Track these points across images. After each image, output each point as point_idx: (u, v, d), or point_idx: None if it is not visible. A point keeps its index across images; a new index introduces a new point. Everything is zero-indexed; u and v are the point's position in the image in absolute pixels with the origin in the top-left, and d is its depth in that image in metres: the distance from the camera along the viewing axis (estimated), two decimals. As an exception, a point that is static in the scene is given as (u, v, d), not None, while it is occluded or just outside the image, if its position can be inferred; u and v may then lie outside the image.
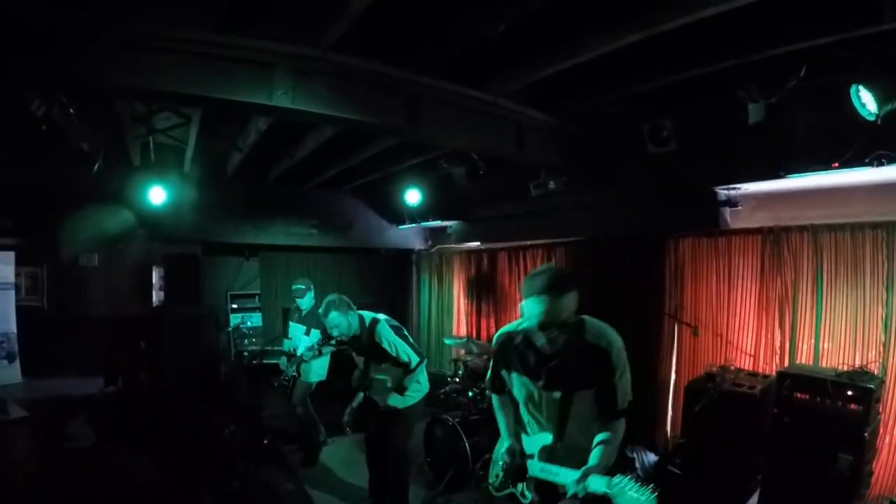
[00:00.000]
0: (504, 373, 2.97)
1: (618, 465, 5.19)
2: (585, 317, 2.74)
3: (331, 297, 4.56)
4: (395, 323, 4.72)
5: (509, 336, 2.90)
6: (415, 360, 4.61)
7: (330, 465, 6.05)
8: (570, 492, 2.51)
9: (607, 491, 2.34)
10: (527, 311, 2.58)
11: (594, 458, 2.57)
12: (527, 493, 2.83)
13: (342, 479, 5.68)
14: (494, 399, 3.14)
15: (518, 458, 2.89)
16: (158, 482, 4.92)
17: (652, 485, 2.28)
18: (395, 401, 4.60)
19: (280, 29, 3.38)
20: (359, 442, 6.30)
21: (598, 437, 2.63)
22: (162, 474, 5.03)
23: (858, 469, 3.87)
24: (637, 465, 5.35)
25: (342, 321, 4.47)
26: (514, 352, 2.86)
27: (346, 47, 3.47)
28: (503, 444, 3.02)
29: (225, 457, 5.57)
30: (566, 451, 2.72)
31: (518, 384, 2.88)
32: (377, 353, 4.57)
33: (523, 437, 2.96)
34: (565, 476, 2.59)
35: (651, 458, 5.43)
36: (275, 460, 6.04)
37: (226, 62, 3.32)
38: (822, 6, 3.12)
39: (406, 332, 4.72)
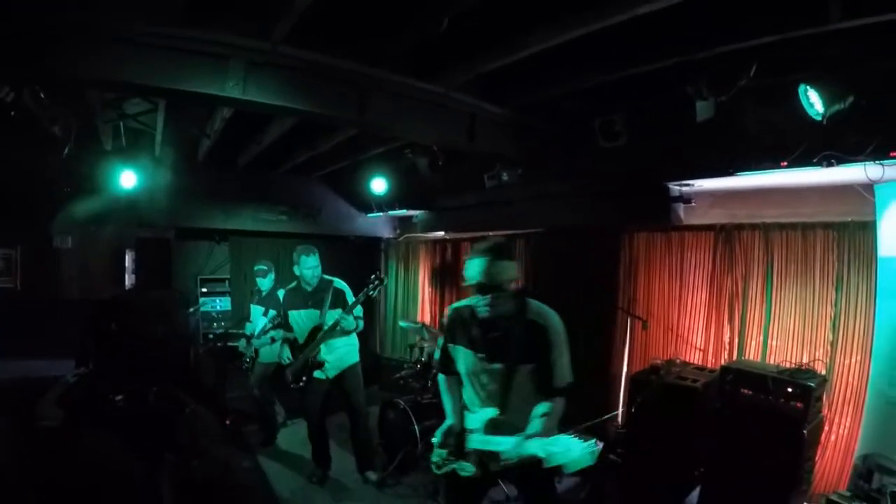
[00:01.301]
0: (451, 347, 3.08)
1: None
2: (529, 298, 2.92)
3: (301, 245, 5.09)
4: None
5: (457, 311, 3.05)
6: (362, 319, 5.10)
7: (288, 446, 6.19)
8: (506, 457, 2.70)
9: (543, 454, 2.52)
10: (468, 272, 2.76)
11: (532, 427, 2.72)
12: (467, 466, 2.90)
13: (299, 457, 5.80)
14: (441, 380, 3.23)
15: (458, 437, 2.99)
16: (121, 459, 5.05)
17: (595, 439, 2.47)
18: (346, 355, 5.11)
19: (234, 22, 3.51)
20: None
21: (537, 410, 2.78)
22: (124, 452, 5.16)
23: (798, 465, 3.91)
24: None
25: (314, 262, 5.02)
26: (461, 325, 3.00)
27: (297, 40, 3.61)
28: (445, 424, 3.12)
29: (185, 436, 5.72)
30: (509, 425, 2.81)
31: (463, 357, 3.00)
32: (338, 301, 4.98)
33: (467, 415, 3.05)
34: (505, 444, 2.73)
35: (599, 447, 5.57)
36: (235, 440, 6.22)
37: (183, 54, 3.46)
38: (770, 6, 3.20)
39: None
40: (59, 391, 6.74)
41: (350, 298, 5.03)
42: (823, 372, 4.40)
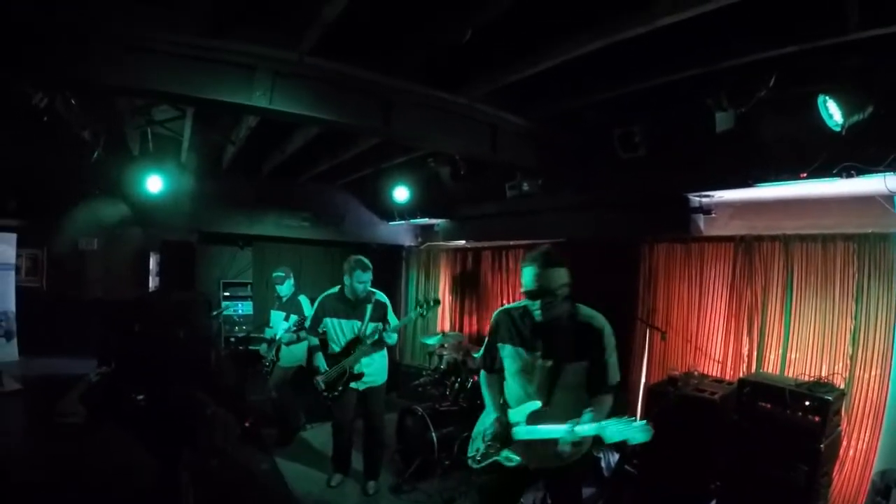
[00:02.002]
0: (499, 346, 3.21)
1: (578, 462, 5.40)
2: (578, 303, 3.10)
3: (357, 256, 5.09)
4: None
5: (507, 312, 3.22)
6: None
7: (307, 449, 6.25)
8: (563, 441, 2.81)
9: (598, 432, 2.69)
10: (523, 279, 2.94)
11: (585, 418, 2.82)
12: (512, 456, 3.08)
13: (318, 461, 5.85)
14: (483, 377, 3.39)
15: (504, 427, 3.13)
16: (141, 457, 5.15)
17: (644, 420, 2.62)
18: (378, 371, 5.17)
19: (260, 33, 3.59)
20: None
21: (588, 409, 2.87)
22: (145, 450, 5.26)
23: (813, 480, 3.89)
24: (602, 464, 5.41)
25: (369, 277, 5.02)
26: (510, 325, 3.16)
27: (323, 51, 3.67)
28: (489, 417, 3.26)
29: (205, 436, 5.81)
30: (553, 417, 2.95)
31: (512, 355, 3.14)
32: (378, 314, 5.09)
33: (509, 411, 3.18)
34: (555, 431, 2.87)
35: (615, 458, 5.47)
36: (254, 442, 6.30)
37: (209, 63, 3.54)
38: (788, 16, 3.22)
39: None
40: (82, 389, 6.88)
41: (390, 312, 5.18)
42: (842, 386, 4.37)
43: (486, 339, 3.36)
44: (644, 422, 2.64)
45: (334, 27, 3.32)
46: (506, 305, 3.33)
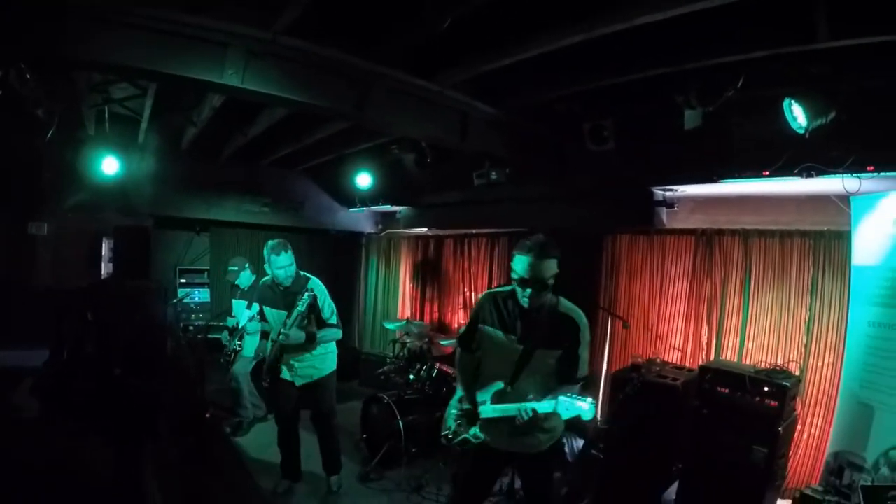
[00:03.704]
0: (480, 326, 3.23)
1: (548, 450, 5.45)
2: (560, 297, 3.13)
3: (272, 241, 4.64)
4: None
5: (493, 295, 3.22)
6: (338, 327, 4.82)
7: (270, 440, 6.07)
8: (517, 415, 2.88)
9: (554, 408, 2.80)
10: (515, 266, 2.94)
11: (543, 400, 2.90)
12: (479, 433, 3.15)
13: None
14: (460, 355, 3.43)
15: (471, 406, 3.20)
16: (100, 451, 5.01)
17: (590, 398, 2.75)
18: (317, 364, 4.80)
19: (234, 10, 3.49)
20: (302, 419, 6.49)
21: (553, 393, 2.92)
22: (103, 444, 5.12)
23: (772, 461, 4.04)
24: (566, 449, 5.49)
25: (287, 260, 4.56)
26: (493, 308, 3.16)
27: (298, 32, 3.60)
28: (457, 395, 3.36)
29: (164, 426, 5.68)
30: (514, 397, 3.02)
31: (490, 337, 3.16)
32: (309, 307, 4.48)
33: (478, 391, 3.23)
34: (512, 408, 2.94)
35: (580, 443, 5.54)
36: (215, 433, 6.18)
37: (181, 39, 3.42)
38: (759, 22, 3.29)
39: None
40: (33, 381, 6.65)
41: (322, 304, 4.68)
42: (797, 373, 4.54)
43: (469, 320, 3.40)
44: (591, 399, 2.78)
45: (311, 7, 3.26)
46: (493, 289, 3.38)
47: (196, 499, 4.88)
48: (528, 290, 2.90)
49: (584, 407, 2.74)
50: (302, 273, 4.80)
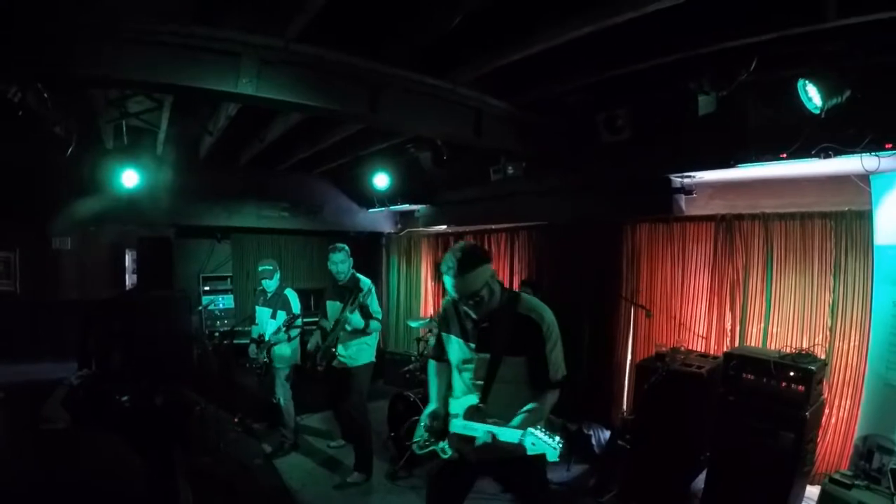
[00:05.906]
0: (444, 336, 3.16)
1: (575, 441, 5.45)
2: (521, 293, 3.05)
3: (338, 244, 5.32)
4: None
5: (452, 302, 3.08)
6: (380, 321, 5.35)
7: (301, 442, 6.21)
8: (479, 441, 2.76)
9: (518, 440, 2.61)
10: (445, 285, 2.86)
11: (514, 421, 2.74)
12: (447, 448, 3.00)
13: (311, 453, 5.93)
14: (431, 365, 3.33)
15: (440, 420, 3.05)
16: (131, 460, 5.09)
17: (558, 437, 2.55)
18: (353, 354, 5.25)
19: (247, 20, 3.55)
20: (326, 419, 6.57)
21: (526, 407, 2.79)
22: (134, 452, 5.19)
23: (800, 447, 3.99)
24: (593, 441, 5.53)
25: (338, 258, 5.24)
26: (454, 316, 3.07)
27: (309, 38, 3.64)
28: (429, 407, 3.16)
29: (195, 434, 5.77)
30: (490, 412, 2.88)
31: (455, 346, 3.07)
32: (359, 300, 5.13)
33: (451, 400, 3.12)
34: (479, 429, 2.79)
35: (606, 434, 5.62)
36: (245, 437, 6.30)
37: (195, 51, 3.45)
38: (769, 4, 3.29)
39: None
40: (63, 393, 6.76)
41: (367, 296, 5.23)
42: (823, 357, 4.49)
43: (437, 328, 3.34)
44: (558, 439, 2.55)
45: (322, 13, 3.30)
46: (450, 296, 3.11)
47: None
48: (466, 304, 2.84)
49: (551, 448, 2.53)
50: (357, 274, 5.38)
